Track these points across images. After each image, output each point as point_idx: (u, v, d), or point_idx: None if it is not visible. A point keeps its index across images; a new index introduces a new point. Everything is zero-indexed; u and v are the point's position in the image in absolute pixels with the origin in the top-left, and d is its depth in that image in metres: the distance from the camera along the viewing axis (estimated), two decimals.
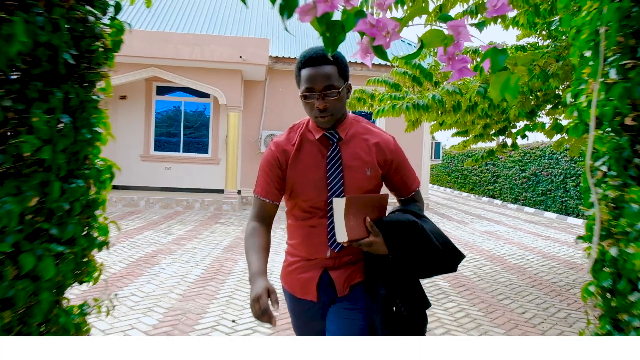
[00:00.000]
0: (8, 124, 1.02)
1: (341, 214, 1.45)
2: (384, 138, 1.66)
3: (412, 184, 1.71)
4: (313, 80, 1.48)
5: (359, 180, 1.59)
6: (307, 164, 1.60)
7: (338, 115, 1.55)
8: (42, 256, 1.14)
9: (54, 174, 1.17)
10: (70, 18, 1.15)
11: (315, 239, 1.60)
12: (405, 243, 1.53)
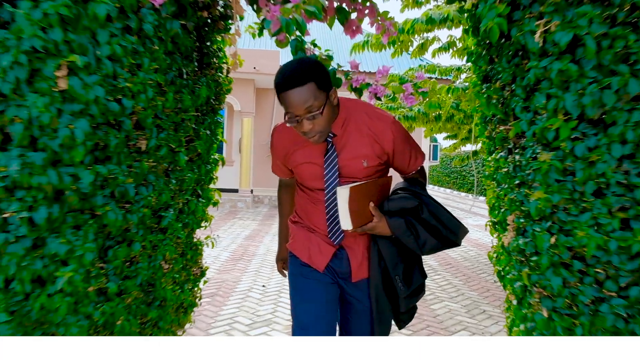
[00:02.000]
0: (191, 134, 2.09)
1: (345, 203, 1.43)
2: (383, 124, 1.57)
3: (415, 162, 1.67)
4: (292, 106, 1.39)
5: (355, 172, 1.58)
6: (307, 157, 1.61)
7: (327, 130, 1.49)
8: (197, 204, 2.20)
9: (202, 160, 2.23)
10: (212, 78, 2.22)
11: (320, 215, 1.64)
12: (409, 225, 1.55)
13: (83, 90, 1.35)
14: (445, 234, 1.59)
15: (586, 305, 1.40)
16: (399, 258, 1.62)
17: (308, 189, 1.67)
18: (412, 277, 1.65)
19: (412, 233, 1.56)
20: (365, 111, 1.58)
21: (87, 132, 1.38)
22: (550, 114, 1.34)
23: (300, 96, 1.37)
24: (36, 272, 1.50)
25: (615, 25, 1.26)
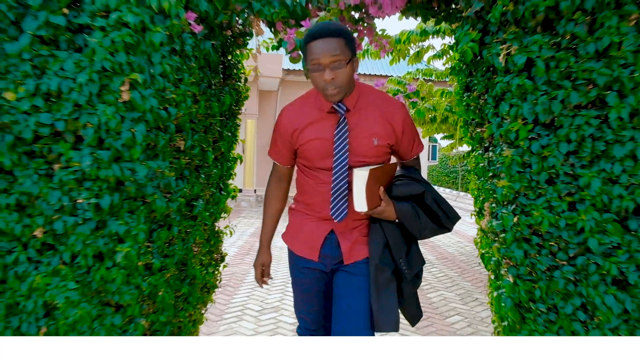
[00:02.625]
0: (216, 136, 2.45)
1: (362, 185, 1.48)
2: (394, 107, 1.67)
3: (416, 148, 1.78)
4: (320, 53, 1.46)
5: (365, 149, 1.62)
6: (317, 133, 1.65)
7: (346, 88, 1.54)
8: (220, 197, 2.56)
9: (224, 158, 2.59)
10: (233, 87, 2.58)
11: (322, 196, 1.68)
12: (414, 211, 1.64)
13: (141, 101, 1.71)
14: (444, 221, 1.71)
15: (543, 272, 1.76)
16: (402, 241, 1.69)
17: (314, 169, 1.69)
18: (414, 260, 1.72)
19: (416, 218, 1.64)
20: (377, 94, 1.69)
21: (144, 134, 1.74)
22: (512, 119, 1.71)
23: (330, 45, 1.46)
24: (98, 248, 1.86)
25: (560, 50, 1.62)
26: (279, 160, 1.85)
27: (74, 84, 1.69)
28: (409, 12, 2.12)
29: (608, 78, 1.57)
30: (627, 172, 1.61)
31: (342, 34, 1.50)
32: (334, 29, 1.48)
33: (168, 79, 1.82)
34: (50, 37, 1.71)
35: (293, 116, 1.73)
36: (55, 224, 1.84)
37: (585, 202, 1.66)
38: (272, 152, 1.87)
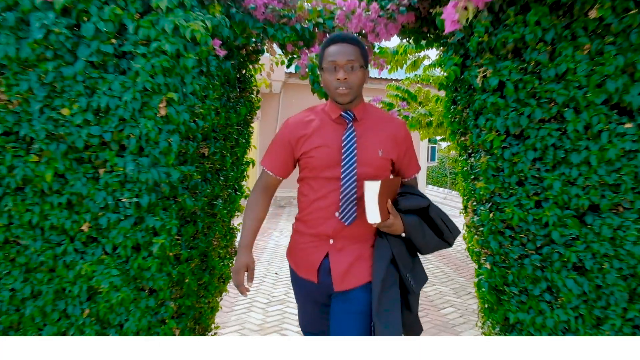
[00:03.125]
0: (233, 143, 2.79)
1: (374, 196, 1.51)
2: (396, 125, 1.76)
3: (414, 168, 1.84)
4: (337, 55, 1.59)
5: (371, 159, 1.67)
6: (323, 140, 1.69)
7: (356, 91, 1.63)
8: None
9: (239, 162, 2.93)
10: (248, 98, 2.92)
11: (323, 211, 1.69)
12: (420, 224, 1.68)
13: (176, 115, 2.05)
14: (446, 235, 1.74)
15: (515, 260, 2.09)
16: (408, 256, 1.72)
17: (317, 180, 1.70)
18: (419, 275, 1.75)
19: (421, 231, 1.69)
20: (381, 112, 1.81)
21: (178, 143, 2.07)
22: (488, 131, 2.04)
23: (347, 49, 1.60)
24: (136, 240, 2.19)
25: (526, 73, 1.96)
26: (272, 169, 1.83)
27: (119, 101, 2.03)
28: (403, 35, 2.45)
29: (566, 97, 1.91)
30: (583, 176, 1.95)
31: (358, 44, 1.64)
32: (351, 37, 1.64)
33: (197, 96, 2.15)
34: (99, 62, 2.04)
35: (299, 125, 1.75)
36: (100, 219, 2.18)
37: (549, 200, 2.00)
38: (265, 162, 1.86)
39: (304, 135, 1.73)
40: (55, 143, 2.11)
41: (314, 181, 1.74)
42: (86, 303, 2.31)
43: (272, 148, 1.84)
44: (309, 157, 1.72)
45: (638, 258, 1.95)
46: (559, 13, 1.92)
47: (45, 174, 2.13)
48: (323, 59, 1.65)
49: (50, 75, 2.04)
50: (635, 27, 1.83)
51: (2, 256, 2.31)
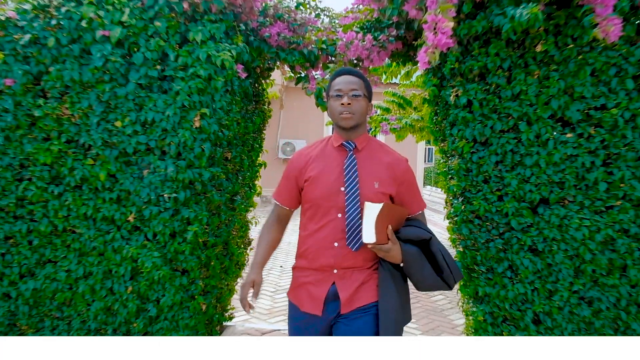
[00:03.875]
0: (249, 148, 3.30)
1: (373, 217, 1.55)
2: (396, 158, 1.79)
3: (419, 204, 1.83)
4: (342, 84, 1.71)
5: (366, 190, 1.69)
6: (323, 168, 1.75)
7: (359, 118, 1.71)
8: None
9: (253, 164, 3.44)
10: (261, 110, 3.43)
11: (323, 241, 1.71)
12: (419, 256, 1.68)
13: (208, 127, 2.56)
14: (446, 276, 1.70)
15: (482, 243, 2.60)
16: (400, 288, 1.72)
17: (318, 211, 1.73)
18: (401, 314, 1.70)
19: (420, 264, 1.68)
20: (385, 148, 1.83)
21: (209, 149, 2.58)
22: (459, 139, 2.55)
23: (352, 80, 1.72)
24: (173, 229, 2.70)
25: (489, 93, 2.47)
26: (281, 200, 1.89)
27: (162, 115, 2.54)
28: (393, 59, 2.96)
29: (520, 113, 2.42)
30: (535, 175, 2.46)
31: (362, 78, 1.77)
32: (356, 72, 1.77)
33: (223, 110, 2.66)
34: (146, 84, 2.56)
35: (302, 156, 1.83)
36: (144, 211, 2.69)
37: (508, 195, 2.51)
38: (276, 194, 1.93)
39: (306, 163, 1.80)
40: (109, 149, 2.62)
41: (314, 211, 1.76)
42: (129, 282, 2.82)
43: (281, 182, 1.90)
44: (309, 184, 1.77)
45: (580, 241, 2.46)
46: (513, 46, 2.43)
47: (100, 174, 2.64)
48: (330, 89, 1.76)
49: (106, 94, 2.55)
50: (572, 58, 2.35)
51: (60, 242, 2.82)
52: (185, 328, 2.86)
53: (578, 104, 2.40)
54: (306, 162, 1.80)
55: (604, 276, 2.50)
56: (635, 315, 2.51)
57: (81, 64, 2.55)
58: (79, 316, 2.93)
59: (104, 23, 2.51)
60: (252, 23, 2.86)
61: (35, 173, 2.70)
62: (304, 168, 1.80)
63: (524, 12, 2.07)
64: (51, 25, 2.55)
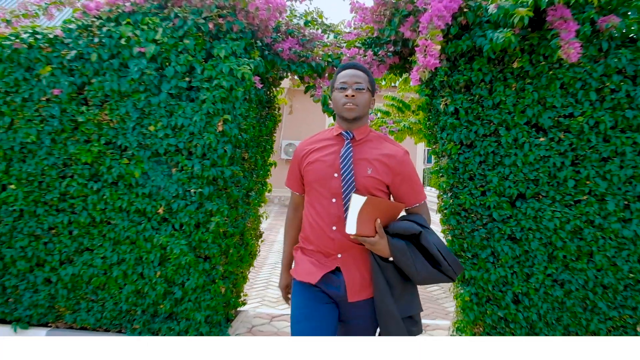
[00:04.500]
0: (262, 149, 3.70)
1: (357, 209, 1.60)
2: (394, 150, 1.82)
3: (417, 196, 1.84)
4: (347, 77, 1.78)
5: (360, 177, 1.75)
6: (321, 155, 1.83)
7: (361, 110, 1.78)
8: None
9: (265, 163, 3.84)
10: (272, 114, 3.83)
11: (322, 226, 1.78)
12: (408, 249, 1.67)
13: (229, 131, 2.96)
14: (444, 268, 1.69)
15: (468, 233, 3.00)
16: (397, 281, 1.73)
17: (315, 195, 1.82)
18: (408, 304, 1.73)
19: (410, 257, 1.67)
20: (387, 140, 1.89)
21: (230, 150, 2.99)
22: (448, 142, 2.95)
23: (357, 74, 1.80)
24: (198, 220, 3.10)
25: (473, 103, 2.87)
26: (293, 187, 2.01)
27: (190, 121, 2.95)
28: (391, 71, 3.37)
29: (500, 119, 2.83)
30: (513, 173, 2.86)
31: (366, 72, 1.85)
32: (361, 66, 1.86)
33: (242, 116, 3.07)
34: (176, 94, 2.96)
35: (305, 144, 1.94)
36: (172, 205, 3.09)
37: (490, 190, 2.91)
38: (288, 182, 2.04)
39: (307, 151, 1.89)
40: (142, 150, 3.03)
41: (311, 196, 1.85)
42: (158, 267, 3.22)
43: (289, 169, 2.02)
44: (306, 170, 1.87)
45: (552, 231, 2.86)
46: (494, 62, 2.84)
47: (134, 172, 3.04)
48: (335, 81, 1.84)
49: (141, 102, 2.95)
50: (544, 73, 2.76)
51: (97, 232, 3.23)
52: (206, 309, 3.26)
53: (549, 112, 2.81)
54: (308, 150, 1.89)
55: (574, 261, 2.91)
56: (601, 296, 2.92)
57: (119, 76, 2.96)
58: (112, 298, 3.32)
59: (140, 41, 2.91)
60: (267, 39, 3.26)
61: (77, 171, 3.11)
62: (305, 156, 1.89)
63: (500, 36, 2.48)
64: (94, 42, 2.95)
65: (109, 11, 2.99)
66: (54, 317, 3.45)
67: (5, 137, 3.12)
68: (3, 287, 3.41)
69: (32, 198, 3.19)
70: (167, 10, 2.98)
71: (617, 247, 2.86)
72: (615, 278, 2.89)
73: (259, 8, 2.89)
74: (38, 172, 3.15)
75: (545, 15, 2.60)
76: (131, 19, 2.96)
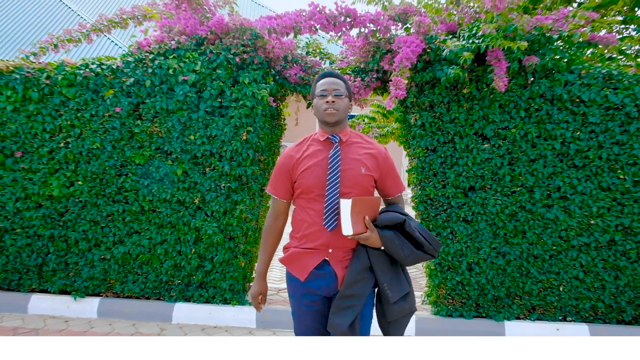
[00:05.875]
0: (273, 153, 4.68)
1: (348, 212, 1.78)
2: (378, 147, 2.04)
3: (397, 188, 2.09)
4: (327, 84, 1.96)
5: (355, 176, 1.92)
6: (313, 162, 1.97)
7: (342, 114, 1.96)
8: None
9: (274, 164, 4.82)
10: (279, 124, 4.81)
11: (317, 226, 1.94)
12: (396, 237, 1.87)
13: (252, 139, 3.93)
14: (427, 248, 1.89)
15: (433, 217, 4.01)
16: (387, 267, 1.91)
17: (310, 200, 1.96)
18: (398, 284, 1.92)
19: (399, 244, 1.86)
20: (365, 138, 2.06)
21: (252, 154, 3.96)
22: (417, 147, 3.95)
23: (335, 81, 1.99)
24: (226, 208, 4.07)
25: (436, 118, 3.88)
26: (277, 193, 2.09)
27: (221, 132, 3.91)
28: (374, 92, 4.36)
29: (455, 131, 3.84)
30: (465, 171, 3.87)
31: (343, 80, 2.04)
32: (338, 74, 2.05)
33: (260, 128, 4.04)
34: (211, 111, 3.92)
35: (292, 152, 2.04)
36: (205, 196, 4.04)
37: (449, 184, 3.92)
38: (270, 188, 2.10)
39: (298, 158, 2.00)
40: (184, 154, 3.99)
41: (308, 202, 1.98)
42: (193, 245, 4.17)
43: (273, 176, 2.11)
44: (301, 177, 1.98)
45: (495, 214, 3.87)
46: (450, 88, 3.85)
47: (177, 171, 3.99)
48: (316, 89, 2.00)
49: (184, 118, 3.91)
50: (487, 97, 3.78)
51: (145, 219, 4.17)
52: (230, 279, 4.22)
53: (491, 125, 3.83)
54: (297, 158, 2.01)
55: (511, 237, 3.92)
56: (532, 263, 3.94)
57: (167, 98, 3.91)
58: (154, 271, 4.26)
59: (183, 71, 3.87)
60: (278, 67, 4.23)
61: (131, 170, 4.05)
62: (296, 164, 2.01)
63: (452, 71, 3.48)
64: (147, 72, 3.91)
65: (158, 47, 3.94)
66: (106, 288, 4.37)
67: (75, 144, 4.05)
68: (66, 263, 4.32)
69: (94, 191, 4.12)
70: (203, 47, 3.94)
71: (542, 226, 3.88)
72: (543, 250, 3.91)
73: (274, 47, 3.87)
74: (100, 171, 4.08)
75: (486, 55, 3.61)
76: (176, 54, 3.92)
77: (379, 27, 3.81)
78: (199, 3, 3.96)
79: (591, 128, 3.77)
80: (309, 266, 1.97)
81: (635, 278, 3.87)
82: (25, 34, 11.38)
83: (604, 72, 3.75)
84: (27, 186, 4.13)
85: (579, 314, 4.01)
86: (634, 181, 3.78)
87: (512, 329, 3.97)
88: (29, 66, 4.05)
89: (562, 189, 3.83)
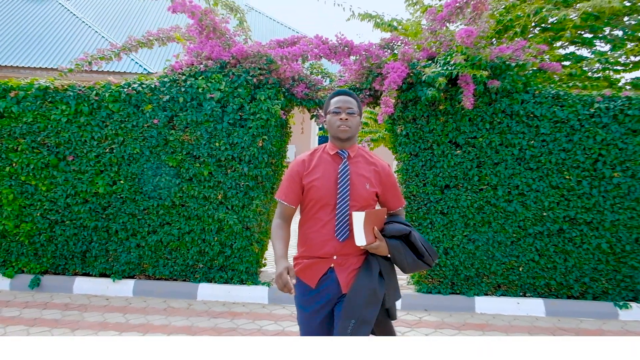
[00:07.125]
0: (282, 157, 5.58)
1: (361, 224, 1.94)
2: (381, 164, 2.22)
3: (398, 202, 2.28)
4: (341, 102, 2.11)
5: (360, 191, 2.08)
6: (323, 173, 2.11)
7: (353, 131, 2.11)
8: None
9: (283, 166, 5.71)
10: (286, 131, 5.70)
11: (324, 236, 2.09)
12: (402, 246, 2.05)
13: (266, 146, 4.82)
14: (426, 259, 2.09)
15: (415, 210, 4.92)
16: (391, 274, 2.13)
17: (317, 210, 2.12)
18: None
19: (404, 253, 2.06)
20: (371, 155, 2.25)
21: (267, 158, 4.84)
22: (402, 153, 4.86)
23: (348, 100, 2.16)
24: (244, 203, 4.95)
25: (417, 129, 4.79)
26: (286, 199, 2.18)
27: (241, 140, 4.79)
28: (368, 106, 5.26)
29: (433, 139, 4.76)
30: (442, 172, 4.79)
31: (355, 98, 2.19)
32: (352, 93, 2.20)
33: (273, 137, 4.92)
34: (233, 123, 4.80)
35: (305, 160, 2.18)
36: (227, 193, 4.92)
37: (428, 183, 4.83)
38: (280, 194, 2.19)
39: (309, 167, 2.14)
40: (210, 158, 4.87)
41: (316, 210, 2.13)
42: (216, 234, 5.04)
43: (283, 183, 2.20)
44: (311, 186, 2.11)
45: (466, 208, 4.79)
46: (429, 105, 4.76)
47: (204, 172, 4.87)
48: (329, 106, 2.14)
49: (210, 128, 4.80)
50: (459, 112, 4.70)
51: (175, 212, 5.03)
52: (246, 262, 5.09)
53: (463, 135, 4.75)
54: (308, 167, 2.17)
55: (480, 227, 4.84)
56: (497, 248, 4.85)
57: (197, 111, 4.78)
58: (182, 257, 5.12)
59: (210, 89, 4.75)
60: (287, 85, 5.12)
61: (165, 171, 4.92)
62: (307, 172, 2.16)
63: (429, 92, 4.39)
64: (180, 90, 4.78)
65: (189, 70, 4.81)
66: (140, 271, 5.22)
67: (119, 150, 4.91)
68: (106, 250, 5.17)
69: (133, 189, 4.98)
70: (227, 70, 4.83)
71: (505, 218, 4.81)
72: (505, 237, 4.83)
73: (285, 71, 4.76)
74: (139, 172, 4.94)
75: (457, 78, 4.52)
76: (204, 75, 4.79)
77: (371, 55, 4.72)
78: (222, 32, 4.84)
79: (543, 138, 4.71)
80: (319, 272, 2.14)
81: (580, 260, 4.80)
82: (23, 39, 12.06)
83: (552, 92, 4.69)
84: (76, 184, 4.98)
85: (536, 290, 4.93)
86: (577, 181, 4.72)
87: (481, 303, 4.88)
88: (80, 84, 4.90)
89: (520, 187, 4.76)
